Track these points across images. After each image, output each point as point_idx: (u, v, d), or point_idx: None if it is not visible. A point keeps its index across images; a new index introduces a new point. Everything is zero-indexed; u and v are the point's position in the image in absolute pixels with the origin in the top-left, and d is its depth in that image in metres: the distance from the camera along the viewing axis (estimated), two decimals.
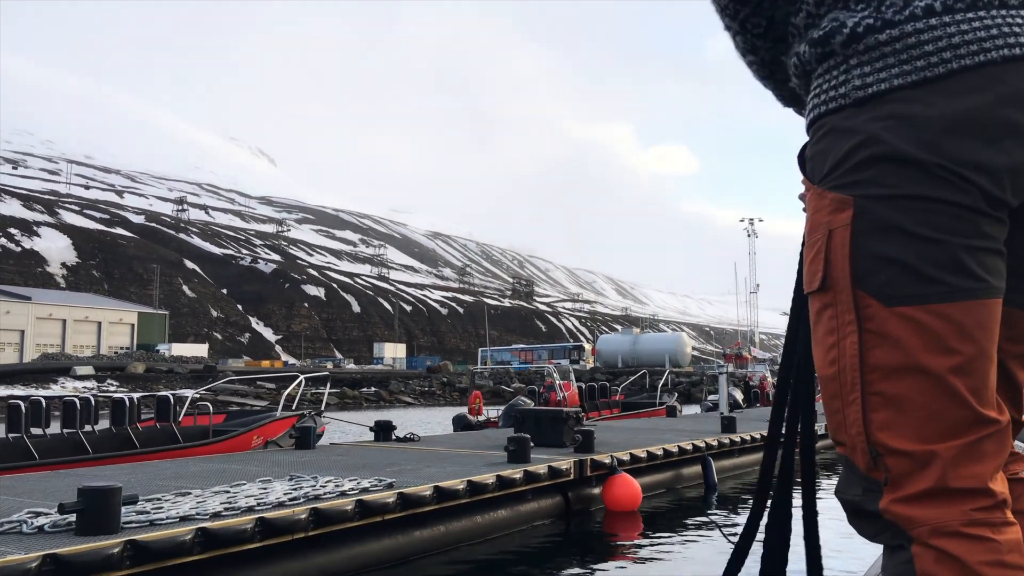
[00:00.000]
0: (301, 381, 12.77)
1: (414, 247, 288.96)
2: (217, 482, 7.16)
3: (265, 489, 6.48)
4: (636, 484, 9.80)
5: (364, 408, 46.21)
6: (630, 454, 10.49)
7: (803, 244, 1.36)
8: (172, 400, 10.44)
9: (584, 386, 20.66)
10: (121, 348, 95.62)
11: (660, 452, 11.15)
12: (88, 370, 45.28)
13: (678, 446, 11.69)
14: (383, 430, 11.60)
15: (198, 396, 12.56)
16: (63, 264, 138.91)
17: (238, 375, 48.10)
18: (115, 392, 44.57)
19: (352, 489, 6.64)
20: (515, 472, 8.39)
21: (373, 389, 50.28)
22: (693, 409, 29.89)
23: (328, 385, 14.16)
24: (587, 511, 9.78)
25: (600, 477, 9.95)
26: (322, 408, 12.18)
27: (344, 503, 6.26)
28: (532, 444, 9.34)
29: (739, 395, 26.07)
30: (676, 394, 24.60)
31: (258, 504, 5.80)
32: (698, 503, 11.48)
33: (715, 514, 10.44)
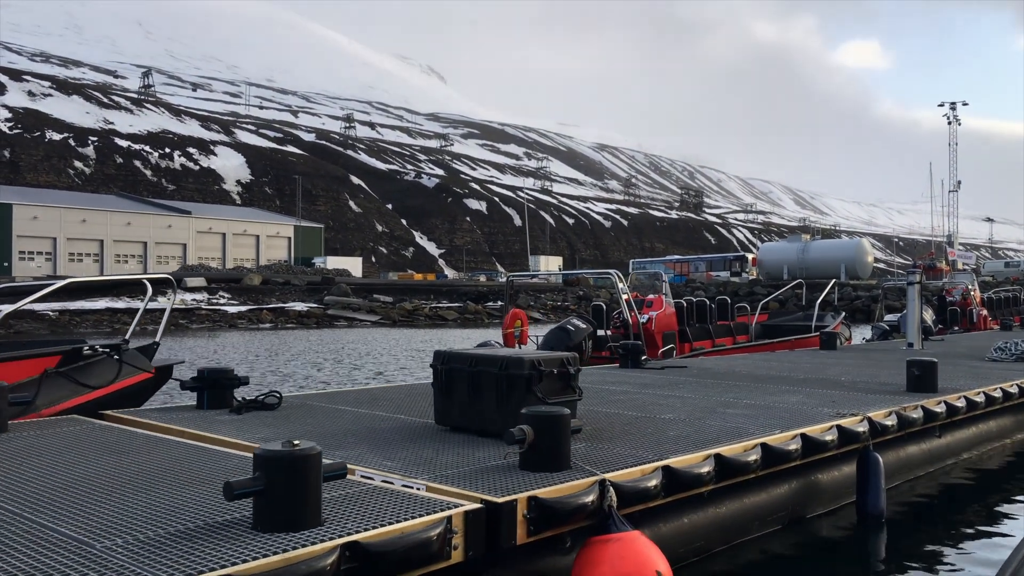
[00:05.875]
0: (147, 288, 7.30)
1: (579, 160, 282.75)
2: None
3: None
4: (654, 557, 3.75)
5: (486, 325, 41.50)
6: (664, 470, 4.39)
7: None
8: None
9: (692, 302, 14.11)
10: (280, 261, 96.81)
11: (753, 459, 4.97)
12: (200, 281, 43.01)
13: (801, 437, 5.44)
14: (208, 389, 6.07)
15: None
16: (238, 181, 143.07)
17: (352, 286, 44.39)
18: (223, 305, 42.01)
19: None
20: None
21: (499, 303, 45.33)
22: (867, 333, 22.59)
23: (173, 298, 8.32)
24: None
25: (575, 537, 3.99)
26: (158, 339, 6.83)
27: None
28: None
29: (929, 315, 18.65)
30: (842, 313, 17.47)
31: None
32: (840, 563, 5.29)
33: None
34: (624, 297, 11.94)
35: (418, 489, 3.88)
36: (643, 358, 10.66)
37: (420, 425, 5.63)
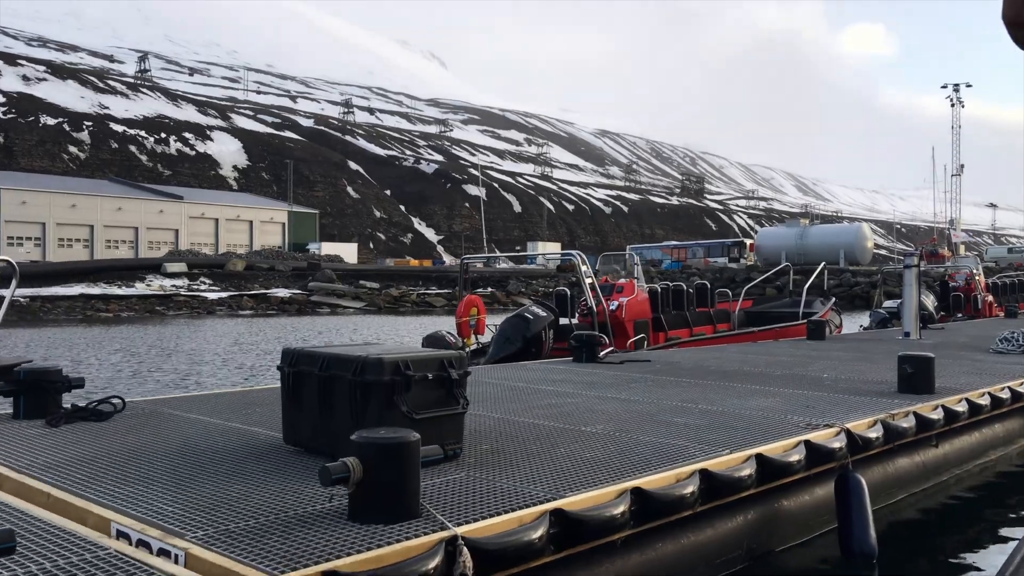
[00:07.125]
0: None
1: (580, 146, 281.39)
2: None
3: None
4: None
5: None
6: (555, 515, 3.20)
7: None
8: None
9: (668, 287, 12.84)
10: (274, 246, 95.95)
11: (689, 491, 3.79)
12: (180, 267, 41.81)
13: (756, 458, 4.26)
14: (26, 393, 4.90)
15: None
16: (235, 167, 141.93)
17: (338, 272, 43.26)
18: (203, 291, 40.80)
19: None
20: None
21: (489, 289, 44.29)
22: (864, 320, 21.42)
23: (14, 285, 7.08)
24: None
25: None
26: None
27: None
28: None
29: (930, 302, 17.55)
30: (832, 299, 16.27)
31: None
32: None
33: None
34: (588, 281, 10.70)
35: (175, 558, 2.70)
36: (609, 350, 9.51)
37: (266, 444, 4.44)
